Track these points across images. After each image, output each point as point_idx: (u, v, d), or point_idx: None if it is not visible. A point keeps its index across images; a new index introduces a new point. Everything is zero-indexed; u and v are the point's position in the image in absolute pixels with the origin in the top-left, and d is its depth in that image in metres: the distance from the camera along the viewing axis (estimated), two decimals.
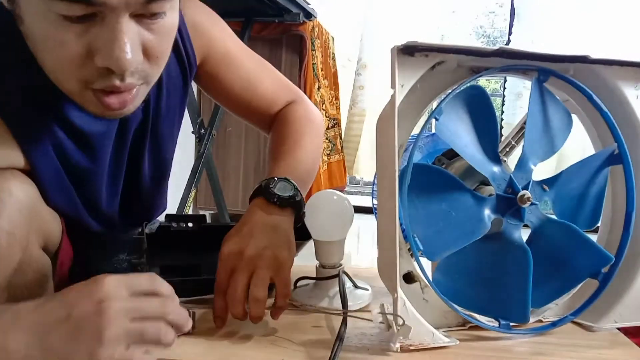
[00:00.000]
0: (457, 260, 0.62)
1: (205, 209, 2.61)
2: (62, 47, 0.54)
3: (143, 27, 0.56)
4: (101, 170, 0.76)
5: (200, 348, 0.58)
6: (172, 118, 0.83)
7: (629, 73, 0.67)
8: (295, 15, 2.22)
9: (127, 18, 0.54)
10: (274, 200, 0.72)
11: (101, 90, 0.57)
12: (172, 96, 0.81)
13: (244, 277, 0.63)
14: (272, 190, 0.72)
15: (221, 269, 0.66)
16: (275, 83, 0.93)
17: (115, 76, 0.56)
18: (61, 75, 0.57)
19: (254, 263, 0.65)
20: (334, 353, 0.55)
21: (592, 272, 0.66)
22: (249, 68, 0.90)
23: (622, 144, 0.66)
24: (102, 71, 0.55)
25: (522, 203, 0.62)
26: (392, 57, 0.58)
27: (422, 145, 0.85)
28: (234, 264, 0.65)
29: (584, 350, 0.61)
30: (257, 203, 0.73)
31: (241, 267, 0.64)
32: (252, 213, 0.72)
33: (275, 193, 0.72)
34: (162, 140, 0.82)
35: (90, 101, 0.59)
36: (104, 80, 0.56)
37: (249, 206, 0.74)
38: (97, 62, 0.54)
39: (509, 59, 0.64)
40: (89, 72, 0.56)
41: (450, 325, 0.65)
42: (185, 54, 0.81)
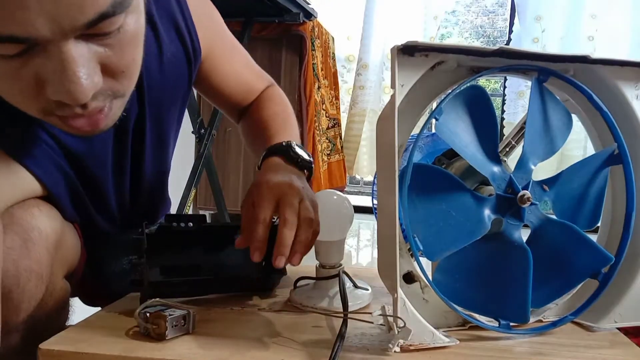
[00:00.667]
0: (457, 260, 0.62)
1: (205, 209, 2.62)
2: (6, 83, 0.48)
3: (96, 44, 0.47)
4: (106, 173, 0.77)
5: (200, 348, 0.58)
6: (174, 106, 0.82)
7: (629, 73, 0.67)
8: (295, 15, 2.22)
9: (72, 42, 0.45)
10: (297, 161, 0.74)
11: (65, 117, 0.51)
12: (175, 85, 0.79)
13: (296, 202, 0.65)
14: (295, 150, 0.74)
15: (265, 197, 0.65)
16: (255, 71, 0.94)
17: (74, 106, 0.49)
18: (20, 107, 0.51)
19: (301, 194, 0.66)
20: (335, 353, 0.55)
21: (592, 272, 0.66)
22: (240, 62, 0.91)
23: (622, 144, 0.66)
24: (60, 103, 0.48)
25: (522, 203, 0.62)
26: (392, 57, 0.58)
27: (422, 145, 0.85)
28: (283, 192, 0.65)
29: (584, 350, 0.61)
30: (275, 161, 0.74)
31: (292, 194, 0.65)
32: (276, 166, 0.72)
33: (299, 154, 0.74)
34: (163, 133, 0.82)
35: (61, 125, 0.53)
36: (63, 110, 0.50)
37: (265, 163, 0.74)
38: (49, 95, 0.47)
39: (509, 59, 0.64)
40: (46, 103, 0.49)
41: (450, 325, 0.65)
42: (190, 42, 0.79)
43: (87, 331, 0.62)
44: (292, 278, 0.78)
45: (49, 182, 0.67)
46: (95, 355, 0.56)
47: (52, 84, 0.46)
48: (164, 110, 0.80)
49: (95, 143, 0.73)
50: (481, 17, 5.86)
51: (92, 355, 0.56)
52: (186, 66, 0.80)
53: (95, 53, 0.47)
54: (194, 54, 0.80)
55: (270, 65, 2.42)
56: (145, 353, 0.56)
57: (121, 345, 0.58)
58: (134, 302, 0.69)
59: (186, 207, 1.99)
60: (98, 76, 0.48)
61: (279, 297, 0.77)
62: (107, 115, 0.53)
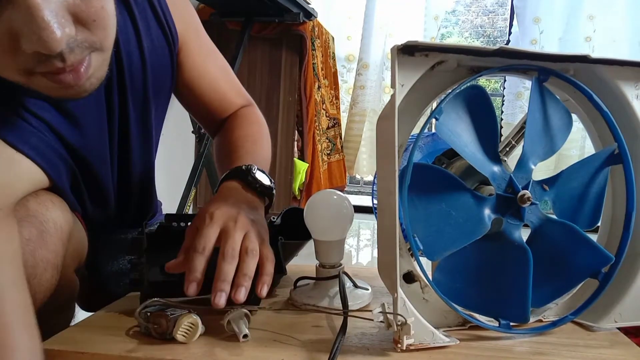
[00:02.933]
0: (457, 260, 0.62)
1: None
2: None
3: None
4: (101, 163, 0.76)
5: (200, 348, 0.58)
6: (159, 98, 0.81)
7: (629, 73, 0.67)
8: (295, 15, 2.22)
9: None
10: (256, 187, 0.71)
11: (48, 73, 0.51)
12: (159, 73, 0.78)
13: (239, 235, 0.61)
14: (254, 176, 0.72)
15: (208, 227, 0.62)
16: (235, 86, 0.92)
17: (53, 58, 0.49)
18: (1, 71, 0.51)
19: (247, 227, 0.63)
20: (335, 349, 0.55)
21: (592, 271, 0.66)
22: (217, 66, 0.89)
23: (622, 143, 0.66)
24: (37, 55, 0.48)
25: (522, 203, 0.62)
26: (392, 57, 0.58)
27: (422, 145, 0.85)
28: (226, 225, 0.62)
29: (584, 350, 0.61)
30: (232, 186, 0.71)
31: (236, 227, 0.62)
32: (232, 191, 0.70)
33: (258, 179, 0.71)
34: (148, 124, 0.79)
35: (44, 86, 0.52)
36: (43, 64, 0.49)
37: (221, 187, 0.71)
38: (24, 48, 0.47)
39: (509, 58, 0.64)
40: (24, 60, 0.48)
41: (450, 325, 0.65)
42: (168, 28, 0.78)
43: (87, 331, 0.62)
44: (292, 278, 0.78)
45: (53, 173, 0.66)
46: (95, 355, 0.56)
47: (25, 35, 0.46)
48: (148, 103, 0.79)
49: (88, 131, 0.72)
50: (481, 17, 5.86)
51: (92, 355, 0.56)
52: (168, 54, 0.79)
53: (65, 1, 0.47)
54: (173, 40, 0.78)
55: (270, 65, 2.42)
56: (146, 353, 0.56)
57: (121, 345, 0.58)
58: (134, 302, 0.69)
59: (186, 207, 1.99)
60: (69, 24, 0.48)
61: (279, 296, 0.77)
62: (87, 69, 0.53)
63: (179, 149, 2.22)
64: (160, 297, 0.65)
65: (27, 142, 0.63)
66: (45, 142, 0.66)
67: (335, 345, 0.55)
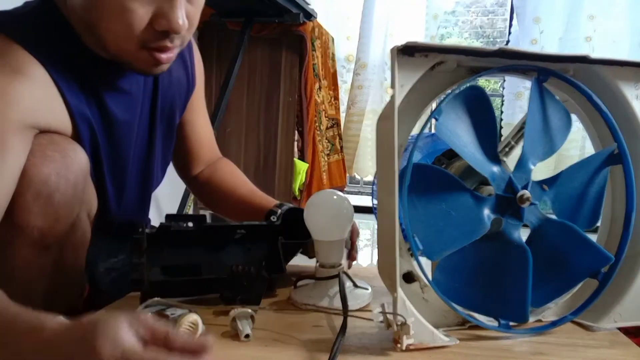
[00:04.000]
0: (457, 260, 0.62)
1: (205, 209, 2.61)
2: (129, 14, 0.65)
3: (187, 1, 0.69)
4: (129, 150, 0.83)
5: None
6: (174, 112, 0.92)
7: (629, 73, 0.67)
8: (295, 15, 2.22)
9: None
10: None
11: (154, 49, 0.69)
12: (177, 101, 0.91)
13: None
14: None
15: None
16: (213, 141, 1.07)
17: (167, 38, 0.68)
18: (123, 38, 0.67)
19: None
20: (335, 349, 0.55)
21: (592, 271, 0.66)
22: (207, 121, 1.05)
23: (622, 144, 0.66)
24: (159, 34, 0.67)
25: (522, 203, 0.62)
26: (392, 57, 0.59)
27: (422, 145, 0.85)
28: None
29: (584, 350, 0.61)
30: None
31: None
32: None
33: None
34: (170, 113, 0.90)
35: (143, 59, 0.70)
36: (158, 41, 0.68)
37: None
38: (157, 26, 0.67)
39: (509, 59, 0.64)
40: (148, 34, 0.67)
41: (450, 325, 0.65)
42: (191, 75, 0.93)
43: None
44: (292, 278, 0.78)
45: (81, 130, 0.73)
46: None
47: (164, 18, 0.66)
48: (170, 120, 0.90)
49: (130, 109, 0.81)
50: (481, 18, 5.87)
51: None
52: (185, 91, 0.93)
53: (186, 4, 0.69)
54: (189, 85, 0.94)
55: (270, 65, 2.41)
56: None
57: None
58: (134, 302, 0.69)
59: (186, 207, 1.99)
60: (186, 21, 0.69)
61: (279, 296, 0.77)
62: (173, 56, 0.72)
63: None
64: (160, 297, 0.65)
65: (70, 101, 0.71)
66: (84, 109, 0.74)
67: (336, 346, 0.55)
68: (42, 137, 0.67)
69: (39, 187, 0.64)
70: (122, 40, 0.68)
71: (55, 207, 0.66)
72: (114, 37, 0.68)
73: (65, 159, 0.67)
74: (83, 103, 0.73)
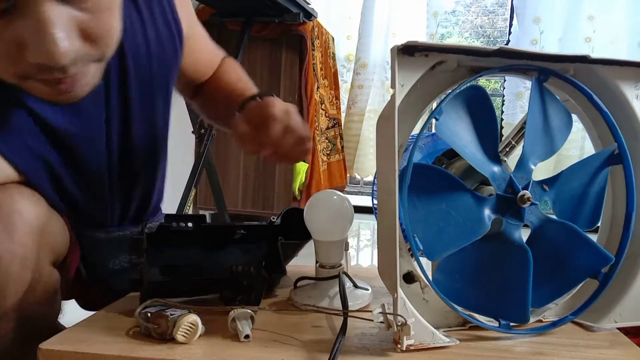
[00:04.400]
0: (457, 260, 0.62)
1: (205, 209, 2.62)
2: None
3: (74, 8, 0.49)
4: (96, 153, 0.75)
5: (200, 348, 0.58)
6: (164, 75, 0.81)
7: (629, 73, 0.67)
8: (295, 15, 2.22)
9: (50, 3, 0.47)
10: None
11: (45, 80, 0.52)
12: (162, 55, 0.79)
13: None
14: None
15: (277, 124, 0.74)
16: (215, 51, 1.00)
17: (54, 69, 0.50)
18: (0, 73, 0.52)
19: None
20: (335, 350, 0.55)
21: (592, 272, 0.66)
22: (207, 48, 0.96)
23: (622, 144, 0.66)
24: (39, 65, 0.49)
25: (522, 203, 0.62)
26: (392, 57, 0.58)
27: (422, 145, 0.85)
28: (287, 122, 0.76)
29: (584, 350, 0.61)
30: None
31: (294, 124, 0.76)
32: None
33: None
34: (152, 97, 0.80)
35: (39, 90, 0.54)
36: (43, 74, 0.51)
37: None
38: (28, 58, 0.48)
39: (509, 58, 0.64)
40: (25, 67, 0.50)
41: (450, 325, 0.65)
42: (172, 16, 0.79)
43: (87, 331, 0.62)
44: (292, 278, 0.78)
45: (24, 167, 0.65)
46: (95, 355, 0.56)
47: (32, 46, 0.47)
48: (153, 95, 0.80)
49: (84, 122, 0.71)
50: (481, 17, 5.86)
51: (92, 355, 0.56)
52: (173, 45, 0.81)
53: (74, 17, 0.49)
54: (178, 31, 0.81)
55: (270, 65, 2.42)
56: (146, 353, 0.56)
57: (121, 345, 0.58)
58: (134, 302, 0.69)
59: (186, 207, 1.99)
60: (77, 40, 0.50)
61: (279, 296, 0.77)
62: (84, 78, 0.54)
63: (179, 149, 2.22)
64: (160, 297, 0.65)
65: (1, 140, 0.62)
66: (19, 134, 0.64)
67: (336, 346, 0.55)
68: None
69: None
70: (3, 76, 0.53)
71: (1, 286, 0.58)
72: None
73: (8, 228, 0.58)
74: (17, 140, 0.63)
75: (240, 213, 2.57)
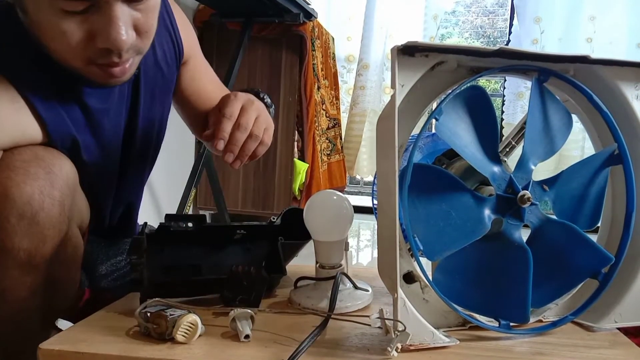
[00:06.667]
0: (457, 260, 0.62)
1: (205, 209, 2.61)
2: (65, 35, 0.62)
3: (132, 9, 0.65)
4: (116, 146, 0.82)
5: (200, 348, 0.58)
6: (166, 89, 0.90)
7: (629, 73, 0.67)
8: (295, 15, 2.22)
9: (119, 4, 0.62)
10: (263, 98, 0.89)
11: (104, 65, 0.66)
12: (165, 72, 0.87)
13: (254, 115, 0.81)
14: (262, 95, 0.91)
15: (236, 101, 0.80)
16: (222, 87, 1.04)
17: (114, 54, 0.65)
18: (67, 56, 0.65)
19: (260, 111, 0.82)
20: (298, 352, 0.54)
21: (592, 272, 0.66)
22: (212, 79, 1.03)
23: (622, 144, 0.66)
24: (103, 51, 0.64)
25: (522, 203, 0.62)
26: (392, 57, 0.58)
27: (422, 145, 0.85)
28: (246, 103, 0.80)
29: (584, 350, 0.61)
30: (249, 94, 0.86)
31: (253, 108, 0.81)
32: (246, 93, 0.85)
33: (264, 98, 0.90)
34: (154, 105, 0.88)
35: (96, 73, 0.68)
36: (104, 57, 0.65)
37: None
38: (97, 44, 0.63)
39: (509, 59, 0.64)
40: (91, 52, 0.65)
41: (450, 325, 0.65)
42: (175, 39, 0.88)
43: (87, 331, 0.62)
44: (292, 278, 0.78)
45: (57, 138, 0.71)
46: (95, 355, 0.56)
47: (102, 36, 0.63)
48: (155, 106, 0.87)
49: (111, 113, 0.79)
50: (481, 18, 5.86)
51: (92, 355, 0.56)
52: (175, 65, 0.90)
53: (131, 15, 0.65)
54: (179, 53, 0.90)
55: (270, 65, 2.42)
56: (146, 353, 0.56)
57: (121, 345, 0.58)
58: (134, 302, 0.69)
59: (186, 207, 1.99)
60: (133, 33, 0.66)
61: (279, 297, 0.77)
62: (131, 67, 0.70)
63: (179, 149, 2.22)
64: (161, 297, 0.65)
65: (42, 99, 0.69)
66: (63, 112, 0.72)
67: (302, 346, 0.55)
68: (25, 152, 0.66)
69: (22, 207, 0.62)
70: (67, 58, 0.66)
71: (41, 228, 0.64)
72: (59, 55, 0.66)
73: (50, 176, 0.65)
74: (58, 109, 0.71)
75: (240, 213, 2.57)
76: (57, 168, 0.66)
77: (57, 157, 0.68)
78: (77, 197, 0.72)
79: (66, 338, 0.60)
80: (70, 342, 0.58)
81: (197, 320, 0.59)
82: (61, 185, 0.66)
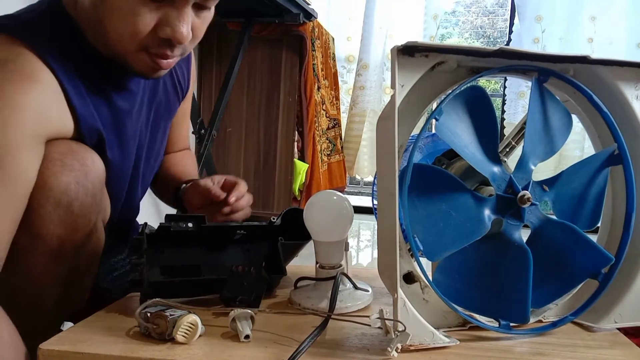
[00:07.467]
0: (457, 260, 0.62)
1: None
2: (136, 17, 0.67)
3: (196, 14, 0.72)
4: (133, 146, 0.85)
5: (199, 349, 0.58)
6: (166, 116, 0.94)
7: (629, 73, 0.67)
8: (295, 15, 2.22)
9: (190, 5, 0.69)
10: None
11: (155, 54, 0.71)
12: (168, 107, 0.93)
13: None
14: None
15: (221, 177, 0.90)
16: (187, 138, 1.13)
17: (169, 46, 0.71)
18: (126, 39, 0.69)
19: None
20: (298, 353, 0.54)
21: (592, 272, 0.66)
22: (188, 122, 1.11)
23: (622, 144, 0.66)
24: (161, 41, 0.70)
25: (522, 203, 0.62)
26: (392, 57, 0.58)
27: (422, 145, 0.85)
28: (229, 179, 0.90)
29: (584, 350, 0.61)
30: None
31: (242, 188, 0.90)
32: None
33: None
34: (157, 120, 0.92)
35: (143, 62, 0.72)
36: (160, 47, 0.71)
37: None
38: (161, 33, 0.69)
39: (509, 59, 0.64)
40: (151, 39, 0.70)
41: (450, 326, 0.65)
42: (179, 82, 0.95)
43: (87, 331, 0.62)
44: (292, 278, 0.78)
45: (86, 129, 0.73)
46: (95, 355, 0.56)
47: (170, 26, 0.68)
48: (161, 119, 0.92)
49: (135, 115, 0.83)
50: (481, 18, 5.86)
51: (92, 355, 0.56)
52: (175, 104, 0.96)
53: (193, 19, 0.71)
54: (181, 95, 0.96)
55: (270, 65, 2.42)
56: (146, 353, 0.56)
57: (121, 345, 0.58)
58: (134, 302, 0.69)
59: None
60: (191, 33, 0.71)
61: (279, 297, 0.77)
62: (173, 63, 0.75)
63: None
64: (161, 297, 0.65)
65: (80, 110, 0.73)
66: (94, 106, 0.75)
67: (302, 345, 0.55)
68: (61, 145, 0.68)
69: (59, 196, 0.65)
70: (125, 41, 0.69)
71: (75, 216, 0.67)
72: (117, 36, 0.69)
73: (84, 168, 0.68)
74: (90, 105, 0.73)
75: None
76: (89, 161, 0.69)
77: (89, 151, 0.71)
78: (103, 194, 0.74)
79: (66, 338, 0.60)
80: (71, 342, 0.58)
81: (197, 321, 0.59)
82: (93, 178, 0.69)
